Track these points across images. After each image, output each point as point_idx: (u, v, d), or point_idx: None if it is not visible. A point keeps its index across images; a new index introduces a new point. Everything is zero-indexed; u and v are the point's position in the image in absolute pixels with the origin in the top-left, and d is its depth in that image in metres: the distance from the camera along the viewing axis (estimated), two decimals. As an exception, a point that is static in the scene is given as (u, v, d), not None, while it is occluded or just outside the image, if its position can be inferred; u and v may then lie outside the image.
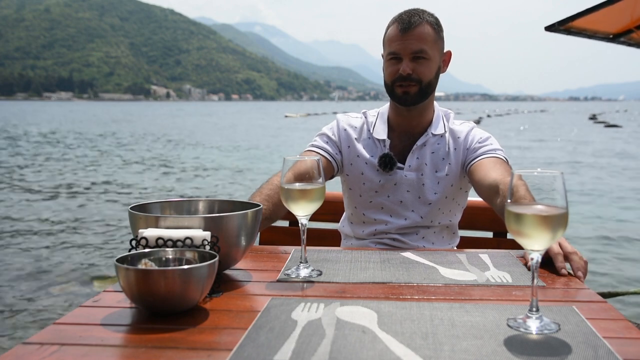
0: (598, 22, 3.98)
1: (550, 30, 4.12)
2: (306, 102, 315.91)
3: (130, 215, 1.24)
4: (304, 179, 1.27)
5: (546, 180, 0.92)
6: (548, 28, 4.12)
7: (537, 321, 0.95)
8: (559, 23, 3.96)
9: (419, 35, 1.70)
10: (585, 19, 3.81)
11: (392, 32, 1.74)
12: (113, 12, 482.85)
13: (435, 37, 1.74)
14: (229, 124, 43.90)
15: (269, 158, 17.58)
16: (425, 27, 1.71)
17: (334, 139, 1.90)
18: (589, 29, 4.15)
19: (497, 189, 1.58)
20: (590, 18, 3.79)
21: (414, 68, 1.71)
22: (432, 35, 1.72)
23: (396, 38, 1.72)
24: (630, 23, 4.07)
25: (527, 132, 32.87)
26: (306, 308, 1.04)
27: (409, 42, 1.70)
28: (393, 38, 1.73)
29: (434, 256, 1.45)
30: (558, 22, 3.97)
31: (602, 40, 4.45)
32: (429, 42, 1.71)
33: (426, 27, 1.71)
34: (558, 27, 3.98)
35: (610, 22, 4.10)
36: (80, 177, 12.63)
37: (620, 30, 4.24)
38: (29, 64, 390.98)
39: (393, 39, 1.73)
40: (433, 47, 1.73)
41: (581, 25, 3.99)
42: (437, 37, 1.74)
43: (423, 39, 1.70)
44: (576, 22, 3.89)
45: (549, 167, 15.01)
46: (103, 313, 1.03)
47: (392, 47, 1.73)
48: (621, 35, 4.28)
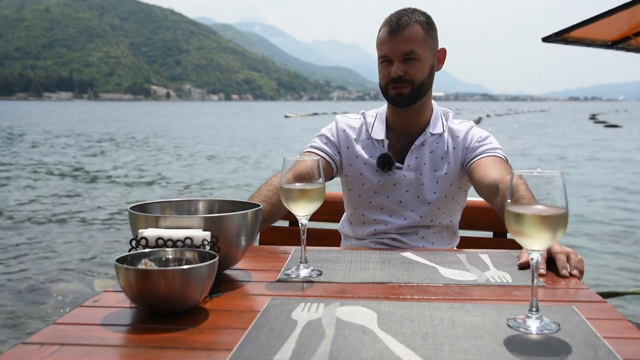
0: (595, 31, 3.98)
1: (548, 41, 4.11)
2: (306, 102, 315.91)
3: (130, 215, 1.24)
4: (303, 179, 1.27)
5: (546, 180, 0.92)
6: (545, 39, 4.12)
7: (537, 321, 0.95)
8: (556, 34, 3.95)
9: (408, 37, 1.69)
10: (583, 29, 3.80)
11: (382, 35, 1.74)
12: (113, 12, 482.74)
13: (426, 36, 1.73)
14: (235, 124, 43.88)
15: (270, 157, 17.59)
16: (415, 28, 1.71)
17: (332, 140, 1.90)
18: (586, 38, 4.15)
19: (497, 188, 1.58)
20: (588, 28, 3.79)
21: (405, 69, 1.71)
22: (422, 35, 1.72)
23: (386, 41, 1.72)
24: (628, 30, 4.06)
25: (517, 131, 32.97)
26: (306, 308, 1.04)
27: (398, 44, 1.70)
28: (383, 41, 1.74)
29: (434, 256, 1.45)
30: (555, 34, 3.97)
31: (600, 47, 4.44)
32: (419, 42, 1.71)
33: (415, 28, 1.71)
34: (555, 38, 3.98)
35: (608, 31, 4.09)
36: (81, 177, 12.64)
37: (618, 37, 4.24)
38: (29, 64, 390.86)
39: (383, 42, 1.74)
40: (424, 47, 1.72)
41: (578, 35, 3.98)
42: (427, 36, 1.73)
43: (412, 39, 1.70)
44: (573, 33, 3.89)
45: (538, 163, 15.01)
46: (103, 313, 1.03)
47: (382, 50, 1.74)
48: (619, 42, 4.28)
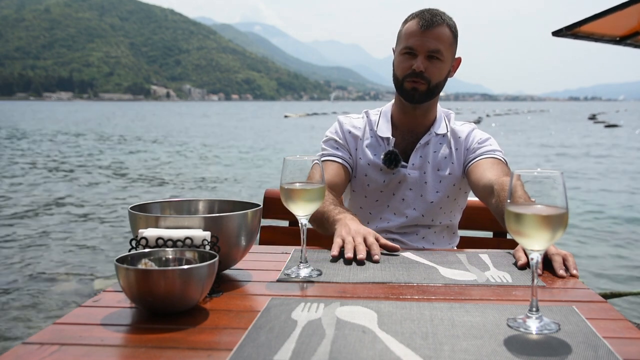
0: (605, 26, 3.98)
1: (558, 36, 4.11)
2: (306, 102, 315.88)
3: (130, 215, 1.24)
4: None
5: (546, 180, 0.92)
6: (555, 33, 4.12)
7: (537, 321, 0.95)
8: (567, 28, 3.95)
9: (438, 35, 1.69)
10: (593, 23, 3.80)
11: (412, 27, 1.72)
12: (113, 12, 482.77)
13: (452, 40, 1.74)
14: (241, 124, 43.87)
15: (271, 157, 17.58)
16: (445, 29, 1.71)
17: (341, 143, 1.88)
18: (596, 32, 4.15)
19: (492, 189, 1.59)
20: (597, 22, 3.78)
21: (427, 66, 1.71)
22: (450, 38, 1.72)
23: (415, 33, 1.70)
24: (637, 25, 4.06)
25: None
26: (306, 308, 1.04)
27: (427, 39, 1.69)
28: (412, 33, 1.71)
29: (434, 256, 1.45)
30: (566, 27, 3.96)
31: (608, 43, 4.44)
32: (446, 44, 1.71)
33: (446, 29, 1.71)
34: (566, 32, 3.98)
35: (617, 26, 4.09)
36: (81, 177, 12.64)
37: (626, 33, 4.24)
38: (29, 64, 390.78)
39: (412, 34, 1.71)
40: (448, 50, 1.73)
41: (588, 29, 3.98)
42: (453, 41, 1.74)
43: (441, 39, 1.70)
44: (583, 27, 3.89)
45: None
46: (103, 313, 1.03)
47: (409, 41, 1.71)
48: (627, 37, 4.28)
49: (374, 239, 1.43)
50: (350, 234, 1.44)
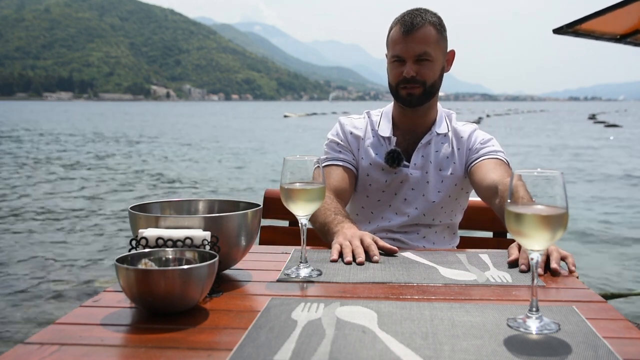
0: (606, 23, 3.97)
1: (559, 33, 4.11)
2: (306, 102, 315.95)
3: (130, 215, 1.24)
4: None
5: (546, 180, 0.92)
6: (556, 31, 4.11)
7: (537, 321, 0.95)
8: (567, 26, 3.95)
9: (421, 38, 1.69)
10: (593, 21, 3.80)
11: (395, 35, 1.73)
12: (113, 12, 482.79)
13: (438, 37, 1.72)
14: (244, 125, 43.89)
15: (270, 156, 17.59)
16: (428, 29, 1.70)
17: (344, 145, 1.88)
18: (597, 30, 4.14)
19: (496, 190, 1.59)
20: (598, 20, 3.78)
21: (417, 70, 1.71)
22: (435, 36, 1.71)
23: (399, 40, 1.71)
24: (638, 23, 4.06)
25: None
26: (306, 308, 1.04)
27: (411, 44, 1.69)
28: (396, 40, 1.72)
29: (434, 256, 1.45)
30: (566, 25, 3.96)
31: (609, 41, 4.44)
32: (432, 43, 1.70)
33: (429, 29, 1.70)
34: (566, 29, 3.98)
35: (617, 24, 4.09)
36: (84, 174, 12.64)
37: (627, 31, 4.24)
38: (29, 64, 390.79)
39: (396, 42, 1.72)
40: (436, 48, 1.72)
41: (589, 27, 3.98)
42: (439, 38, 1.73)
43: (426, 41, 1.69)
44: (584, 25, 3.89)
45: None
46: (103, 313, 1.03)
47: (395, 49, 1.72)
48: (628, 35, 4.28)
49: (371, 240, 1.43)
50: (347, 238, 1.45)
